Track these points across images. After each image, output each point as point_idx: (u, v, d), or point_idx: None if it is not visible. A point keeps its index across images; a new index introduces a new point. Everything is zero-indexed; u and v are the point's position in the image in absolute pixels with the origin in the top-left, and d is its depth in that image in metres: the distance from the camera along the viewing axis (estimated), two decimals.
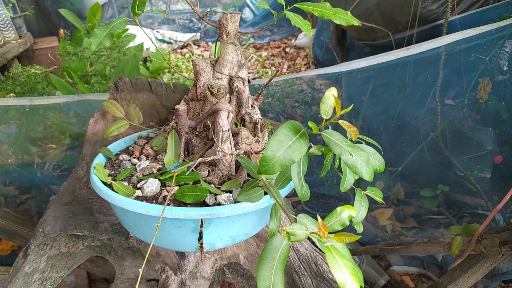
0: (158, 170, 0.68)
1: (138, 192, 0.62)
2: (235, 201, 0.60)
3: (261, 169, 0.47)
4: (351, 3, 1.84)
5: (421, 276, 1.36)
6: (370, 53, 1.33)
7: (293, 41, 3.80)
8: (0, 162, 1.46)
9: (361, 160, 0.51)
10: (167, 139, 0.71)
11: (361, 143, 0.62)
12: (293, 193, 0.60)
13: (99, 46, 0.64)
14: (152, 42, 0.76)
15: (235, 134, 0.68)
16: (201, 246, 0.61)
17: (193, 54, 3.62)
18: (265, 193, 0.59)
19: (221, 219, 0.58)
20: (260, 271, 0.46)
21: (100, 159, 0.73)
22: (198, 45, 3.97)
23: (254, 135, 0.70)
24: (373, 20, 1.78)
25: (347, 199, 1.56)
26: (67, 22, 3.04)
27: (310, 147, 0.60)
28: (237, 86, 0.72)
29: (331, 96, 0.53)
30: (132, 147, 0.80)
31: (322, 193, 1.59)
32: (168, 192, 0.61)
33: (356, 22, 0.65)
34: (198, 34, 4.10)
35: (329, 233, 0.44)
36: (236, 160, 0.66)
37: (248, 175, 0.66)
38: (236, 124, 0.72)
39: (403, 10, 1.63)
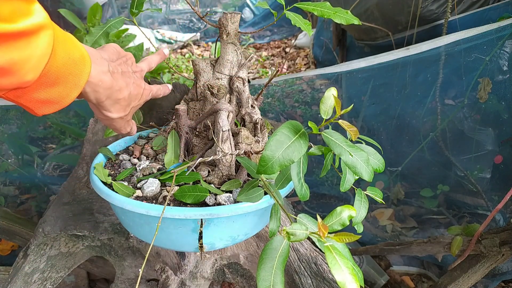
0: (158, 170, 0.68)
1: (138, 192, 0.62)
2: (235, 201, 0.60)
3: (260, 169, 0.47)
4: (351, 3, 1.84)
5: (421, 276, 1.36)
6: (370, 53, 1.33)
7: (293, 41, 3.81)
8: (0, 162, 1.46)
9: (361, 160, 0.51)
10: (167, 139, 0.71)
11: (361, 143, 0.62)
12: (293, 193, 0.60)
13: (94, 44, 0.65)
14: (151, 42, 0.77)
15: (235, 134, 0.68)
16: (201, 246, 0.61)
17: (193, 54, 3.62)
18: (265, 193, 0.59)
19: (221, 219, 0.59)
20: (260, 271, 0.46)
21: (100, 159, 0.73)
22: (198, 45, 3.97)
23: (254, 135, 0.70)
24: (373, 20, 1.78)
25: (347, 199, 1.57)
26: (67, 22, 3.04)
27: (310, 147, 0.60)
28: (237, 86, 0.72)
29: (331, 96, 0.53)
30: (132, 147, 0.80)
31: (322, 193, 1.59)
32: (168, 192, 0.61)
33: (356, 21, 0.65)
34: (198, 34, 4.10)
35: (329, 233, 0.44)
36: (236, 160, 0.66)
37: (248, 175, 0.66)
38: (236, 124, 0.73)
39: (403, 10, 1.63)
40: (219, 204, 0.59)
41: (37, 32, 0.36)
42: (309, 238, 0.46)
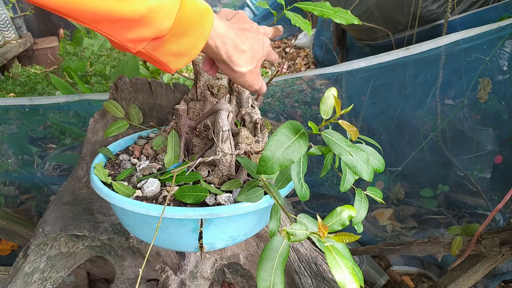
0: (158, 170, 0.68)
1: (138, 192, 0.62)
2: (235, 201, 0.60)
3: (260, 169, 0.47)
4: (351, 3, 1.84)
5: (421, 276, 1.36)
6: (370, 53, 1.33)
7: (293, 41, 3.80)
8: (0, 162, 1.46)
9: (361, 160, 0.51)
10: (167, 139, 0.71)
11: (361, 143, 0.62)
12: (293, 193, 0.60)
13: (101, 48, 0.65)
14: None
15: (235, 134, 0.68)
16: (201, 246, 0.61)
17: None
18: (265, 193, 0.59)
19: (221, 219, 0.59)
20: (260, 271, 0.46)
21: (100, 159, 0.73)
22: None
23: (254, 135, 0.70)
24: (373, 20, 1.77)
25: (347, 199, 1.57)
26: (67, 22, 3.04)
27: (310, 147, 0.60)
28: (237, 86, 0.72)
29: (331, 96, 0.53)
30: (132, 147, 0.80)
31: (322, 193, 1.59)
32: (168, 192, 0.61)
33: (356, 21, 0.65)
34: None
35: (329, 233, 0.44)
36: (236, 160, 0.66)
37: (248, 175, 0.66)
38: (236, 124, 0.73)
39: (403, 10, 1.63)
40: (219, 204, 0.59)
41: None
42: (309, 238, 0.46)
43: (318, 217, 0.45)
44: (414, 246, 1.09)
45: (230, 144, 0.65)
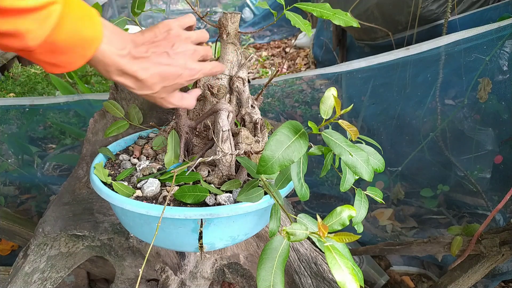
0: (158, 170, 0.68)
1: (138, 192, 0.62)
2: (235, 201, 0.60)
3: (260, 169, 0.47)
4: (351, 3, 1.84)
5: (421, 276, 1.36)
6: (370, 53, 1.33)
7: (293, 41, 3.80)
8: (0, 162, 1.46)
9: (361, 160, 0.51)
10: (167, 139, 0.71)
11: (361, 143, 0.62)
12: (293, 193, 0.60)
13: None
14: None
15: (235, 134, 0.68)
16: (201, 246, 0.61)
17: None
18: (265, 193, 0.59)
19: (221, 219, 0.59)
20: (260, 271, 0.46)
21: (100, 159, 0.73)
22: None
23: (254, 135, 0.70)
24: (373, 20, 1.77)
25: (347, 199, 1.57)
26: None
27: (310, 147, 0.60)
28: (237, 86, 0.72)
29: (331, 96, 0.53)
30: (132, 147, 0.80)
31: (322, 193, 1.59)
32: (168, 192, 0.61)
33: (355, 24, 0.64)
34: None
35: (329, 233, 0.44)
36: (236, 160, 0.66)
37: (248, 175, 0.66)
38: (236, 124, 0.72)
39: (403, 10, 1.63)
40: (219, 204, 0.59)
41: (43, 9, 0.41)
42: (309, 238, 0.46)
43: (318, 217, 0.45)
44: (414, 246, 1.09)
45: (230, 144, 0.65)
